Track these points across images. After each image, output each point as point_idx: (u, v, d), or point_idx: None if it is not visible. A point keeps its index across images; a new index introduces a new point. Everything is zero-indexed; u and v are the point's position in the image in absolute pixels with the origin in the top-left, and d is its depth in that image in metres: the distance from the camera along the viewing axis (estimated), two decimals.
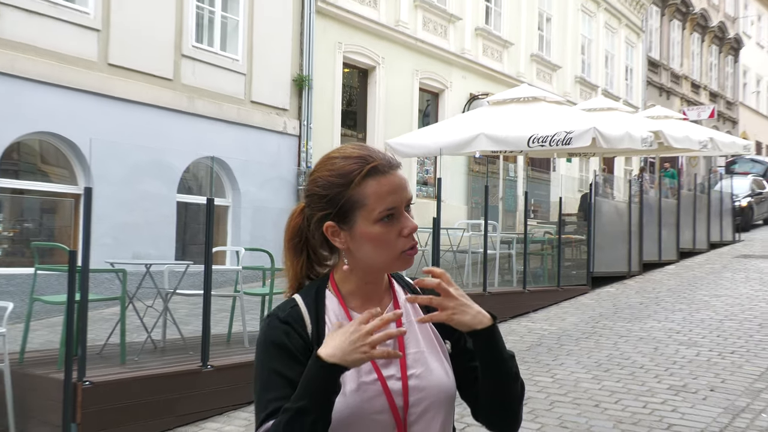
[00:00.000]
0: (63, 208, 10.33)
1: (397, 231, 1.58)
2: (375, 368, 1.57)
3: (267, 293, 7.38)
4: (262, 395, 1.53)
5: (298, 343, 1.55)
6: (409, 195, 1.61)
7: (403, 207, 1.59)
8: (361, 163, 1.58)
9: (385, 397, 1.55)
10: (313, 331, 1.58)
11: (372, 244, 1.58)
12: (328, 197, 1.59)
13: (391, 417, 1.55)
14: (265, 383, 1.54)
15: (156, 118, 10.95)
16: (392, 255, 1.58)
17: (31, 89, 9.51)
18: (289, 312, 1.60)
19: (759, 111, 40.44)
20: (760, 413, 5.89)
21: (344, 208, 1.58)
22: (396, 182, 1.59)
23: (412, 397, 1.57)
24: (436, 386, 1.60)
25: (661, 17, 29.89)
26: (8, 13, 9.36)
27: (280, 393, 1.49)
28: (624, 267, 13.57)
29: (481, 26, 18.56)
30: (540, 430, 5.53)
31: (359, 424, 1.52)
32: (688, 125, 17.30)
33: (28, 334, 6.22)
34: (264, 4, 12.79)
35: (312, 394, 1.41)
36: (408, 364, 1.60)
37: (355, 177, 1.57)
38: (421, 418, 1.58)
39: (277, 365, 1.53)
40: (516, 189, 18.19)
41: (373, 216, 1.56)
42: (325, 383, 1.41)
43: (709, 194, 18.47)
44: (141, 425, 5.59)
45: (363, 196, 1.56)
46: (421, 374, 1.60)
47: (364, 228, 1.57)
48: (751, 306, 10.31)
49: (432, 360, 1.63)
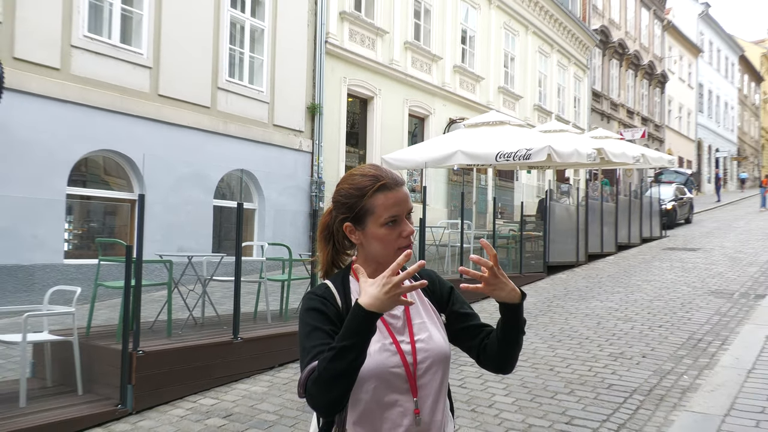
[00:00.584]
0: (121, 211, 10.30)
1: (397, 233, 1.68)
2: (391, 334, 1.67)
3: (286, 279, 7.37)
4: (306, 344, 1.60)
5: (332, 310, 1.65)
6: (409, 206, 1.72)
7: (404, 215, 1.70)
8: (374, 181, 1.69)
9: (399, 356, 1.65)
10: (342, 305, 1.67)
11: (378, 242, 1.68)
12: (348, 204, 1.71)
13: (404, 371, 1.64)
14: (307, 335, 1.61)
15: (197, 139, 10.93)
16: (392, 251, 1.68)
17: (97, 115, 9.50)
18: (323, 291, 1.70)
19: (681, 132, 40.50)
20: (682, 375, 5.88)
21: (359, 214, 1.69)
22: (399, 196, 1.70)
23: (419, 356, 1.67)
24: (437, 348, 1.69)
25: (602, 57, 29.91)
26: (79, 54, 9.35)
27: (319, 341, 1.57)
28: (573, 257, 13.59)
29: (458, 64, 18.56)
30: (506, 389, 5.52)
31: (382, 375, 1.61)
32: (624, 143, 17.27)
33: (93, 312, 6.21)
34: (284, 46, 12.78)
35: (354, 335, 1.47)
36: (414, 331, 1.70)
37: (368, 191, 1.68)
38: (426, 372, 1.67)
39: (317, 323, 1.62)
40: (487, 195, 18.18)
41: (380, 221, 1.67)
42: (366, 326, 1.48)
43: (641, 199, 18.50)
44: (184, 386, 5.57)
45: (373, 206, 1.68)
46: (425, 339, 1.69)
47: (373, 230, 1.68)
48: (675, 289, 10.32)
49: (432, 328, 1.72)
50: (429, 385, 1.67)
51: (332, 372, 1.47)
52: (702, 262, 13.17)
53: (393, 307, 1.51)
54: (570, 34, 25.78)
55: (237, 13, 12.04)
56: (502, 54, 21.09)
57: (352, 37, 14.69)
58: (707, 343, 6.98)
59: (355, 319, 1.48)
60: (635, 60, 32.94)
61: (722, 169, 45.01)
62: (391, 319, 1.69)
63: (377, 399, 1.62)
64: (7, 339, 5.28)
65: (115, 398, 5.16)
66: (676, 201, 22.38)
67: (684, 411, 4.74)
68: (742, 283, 10.60)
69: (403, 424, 1.62)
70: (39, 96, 8.82)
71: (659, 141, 36.13)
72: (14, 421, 4.60)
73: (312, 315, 1.63)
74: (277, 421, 4.91)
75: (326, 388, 1.49)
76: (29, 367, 5.89)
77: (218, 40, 11.50)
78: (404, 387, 1.63)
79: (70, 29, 9.25)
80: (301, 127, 13.18)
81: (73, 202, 9.64)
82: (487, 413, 4.96)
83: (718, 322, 7.91)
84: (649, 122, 34.75)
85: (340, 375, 1.47)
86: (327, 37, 13.76)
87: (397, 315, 1.70)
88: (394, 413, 1.63)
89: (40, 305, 5.73)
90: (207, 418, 5.03)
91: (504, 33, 21.23)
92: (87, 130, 9.38)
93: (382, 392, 1.62)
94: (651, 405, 5.12)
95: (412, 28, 16.71)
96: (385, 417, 1.62)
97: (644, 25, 35.11)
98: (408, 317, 1.71)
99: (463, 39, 19.06)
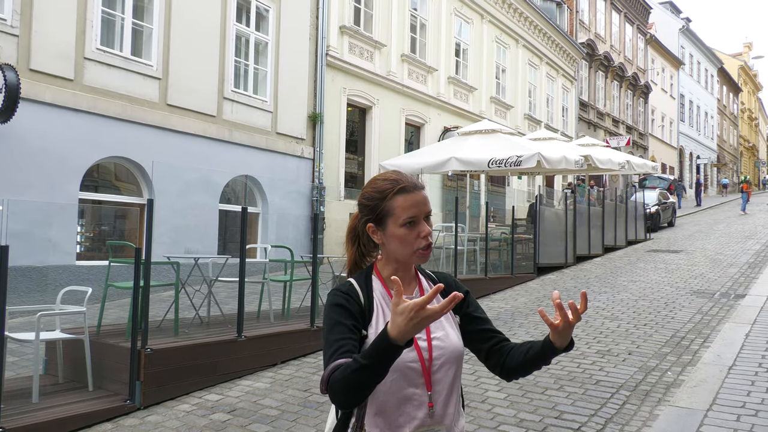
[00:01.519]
0: (131, 215, 10.26)
1: (416, 234, 1.68)
2: None
3: (288, 280, 7.33)
4: (330, 337, 1.60)
5: (354, 307, 1.66)
6: (427, 209, 1.72)
7: (422, 217, 1.70)
8: (394, 184, 1.71)
9: (416, 352, 1.64)
10: (365, 302, 1.69)
11: (397, 242, 1.69)
12: (370, 207, 1.73)
13: (419, 366, 1.64)
14: (331, 329, 1.62)
15: (203, 146, 10.91)
16: (411, 251, 1.69)
17: (108, 124, 9.48)
18: (348, 288, 1.71)
19: (663, 140, 40.54)
20: (666, 371, 5.85)
21: (380, 215, 1.71)
22: (418, 199, 1.70)
23: (435, 353, 1.67)
24: (451, 346, 1.70)
25: (589, 69, 29.94)
26: (91, 66, 9.33)
27: (342, 335, 1.59)
28: (562, 259, 13.56)
29: (452, 76, 18.55)
30: (498, 385, 5.48)
31: (400, 369, 1.61)
32: (610, 151, 17.28)
33: (103, 311, 6.18)
34: (286, 58, 12.77)
35: (379, 360, 1.44)
36: (431, 329, 1.69)
37: (389, 194, 1.70)
38: (440, 368, 1.68)
39: (340, 318, 1.63)
40: (479, 199, 18.16)
41: (399, 222, 1.68)
42: (390, 355, 1.45)
43: (627, 203, 18.48)
44: (190, 383, 5.53)
45: (393, 208, 1.69)
46: (441, 337, 1.70)
47: (393, 230, 1.69)
48: (659, 289, 10.29)
49: (448, 327, 1.73)
50: (443, 380, 1.68)
51: (354, 383, 1.47)
52: (684, 264, 13.15)
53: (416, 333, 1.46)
54: (558, 47, 25.81)
55: (242, 27, 12.02)
56: (493, 66, 21.10)
57: (352, 50, 14.68)
58: (690, 341, 6.95)
59: (381, 345, 1.43)
60: (620, 72, 32.99)
61: (702, 175, 45.07)
62: None
63: (395, 392, 1.62)
64: (21, 337, 5.24)
65: (124, 394, 5.12)
66: (660, 205, 22.36)
67: (668, 406, 4.71)
68: (723, 284, 10.58)
69: (418, 417, 1.64)
70: (53, 105, 8.80)
71: (643, 148, 36.16)
72: (27, 416, 4.57)
73: (336, 310, 1.65)
74: (279, 416, 4.87)
75: (346, 393, 1.50)
76: (42, 365, 5.85)
77: (224, 53, 11.49)
78: (420, 381, 1.64)
79: (84, 42, 9.23)
80: (302, 135, 13.15)
81: (86, 206, 9.61)
82: (480, 408, 4.93)
83: (700, 321, 7.89)
84: (633, 131, 34.78)
85: (360, 386, 1.49)
86: (328, 49, 13.75)
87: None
88: (410, 406, 1.64)
89: (52, 305, 5.69)
90: (212, 413, 4.99)
91: (495, 46, 21.24)
92: (99, 137, 9.35)
93: (399, 385, 1.63)
94: (636, 400, 5.09)
95: (409, 41, 16.71)
96: (401, 409, 1.63)
97: (628, 39, 35.20)
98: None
99: (457, 51, 19.07)
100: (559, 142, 14.47)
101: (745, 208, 27.30)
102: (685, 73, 44.13)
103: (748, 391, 4.85)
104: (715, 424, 4.21)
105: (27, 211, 8.42)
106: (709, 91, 50.14)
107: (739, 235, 18.39)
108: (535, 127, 23.08)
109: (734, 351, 6.01)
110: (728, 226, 21.50)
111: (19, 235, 8.18)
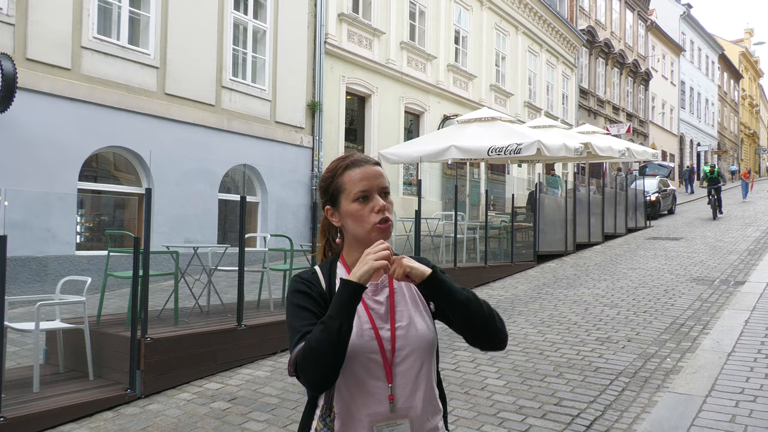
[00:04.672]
0: (130, 204, 10.25)
1: (370, 208, 1.61)
2: (371, 320, 1.60)
3: (288, 269, 7.33)
4: (294, 324, 1.57)
5: (315, 292, 1.61)
6: (382, 183, 1.65)
7: (375, 191, 1.63)
8: (343, 161, 1.68)
9: (377, 342, 1.58)
10: (326, 288, 1.63)
11: (352, 219, 1.63)
12: (324, 188, 1.69)
13: (380, 357, 1.58)
14: (294, 316, 1.58)
15: (202, 135, 10.88)
16: (368, 227, 1.61)
17: (106, 113, 9.45)
18: (309, 276, 1.67)
19: (664, 127, 40.44)
20: (665, 358, 5.87)
21: (334, 195, 1.66)
22: (368, 172, 1.64)
23: (398, 343, 1.59)
24: (418, 336, 1.61)
25: (589, 56, 29.82)
26: (88, 55, 9.28)
27: (306, 321, 1.55)
28: (562, 247, 13.57)
29: (451, 63, 18.47)
30: (498, 372, 5.50)
31: (359, 360, 1.56)
32: (610, 138, 17.26)
33: (103, 301, 6.18)
34: (285, 47, 12.71)
35: (337, 305, 1.47)
36: (396, 318, 1.62)
37: (338, 170, 1.66)
38: (404, 360, 1.59)
39: (302, 303, 1.59)
40: (479, 188, 18.13)
41: (351, 197, 1.62)
42: (346, 294, 1.47)
43: (627, 191, 18.47)
44: (190, 371, 5.55)
45: (343, 183, 1.64)
46: (405, 326, 1.61)
47: (346, 207, 1.63)
48: (659, 276, 10.31)
49: (416, 316, 1.64)
50: (407, 372, 1.59)
51: (320, 346, 1.45)
52: (684, 251, 13.16)
53: (368, 273, 1.48)
54: (558, 34, 25.68)
55: (240, 15, 11.96)
56: (493, 53, 21.01)
57: (350, 38, 14.61)
58: (689, 327, 6.97)
59: (339, 292, 1.49)
60: (620, 59, 32.85)
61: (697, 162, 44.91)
62: (373, 304, 1.62)
63: (356, 383, 1.57)
64: (21, 327, 5.26)
65: (124, 383, 5.14)
66: (660, 193, 22.34)
67: (667, 392, 4.72)
68: (723, 271, 10.59)
69: (378, 410, 1.56)
70: (51, 95, 8.76)
71: (643, 136, 36.08)
72: (28, 405, 4.59)
73: (298, 296, 1.60)
74: (279, 404, 4.89)
75: (314, 362, 1.46)
76: (42, 354, 5.87)
77: (222, 41, 11.43)
78: (380, 373, 1.57)
79: (81, 31, 9.18)
80: (301, 123, 13.11)
81: (84, 196, 9.60)
82: (479, 395, 4.95)
83: (699, 308, 7.90)
84: (633, 118, 34.68)
85: (326, 351, 1.45)
86: (326, 37, 13.68)
87: (380, 301, 1.63)
88: (370, 398, 1.57)
89: (52, 295, 5.70)
90: (212, 401, 5.01)
91: (495, 33, 21.14)
92: (97, 127, 9.33)
93: (360, 376, 1.57)
94: (636, 387, 5.11)
95: (408, 28, 16.63)
96: (363, 400, 1.57)
97: (629, 26, 35.02)
98: (392, 304, 1.63)
99: (456, 39, 18.97)
100: (559, 130, 14.43)
101: (746, 195, 27.32)
102: (685, 60, 43.96)
103: (747, 377, 4.87)
104: (714, 410, 4.22)
105: (26, 201, 8.41)
106: (710, 77, 49.96)
107: (739, 222, 18.40)
108: (535, 114, 23.02)
109: (733, 337, 6.03)
110: (728, 213, 21.49)
111: (18, 225, 8.18)
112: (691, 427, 3.97)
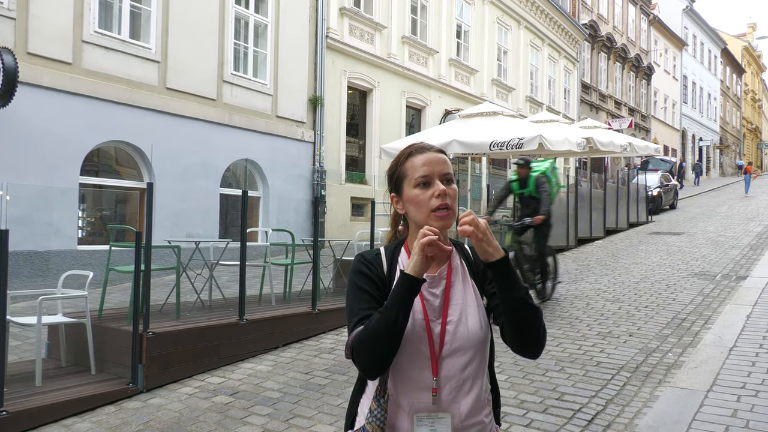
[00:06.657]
0: (132, 199, 10.27)
1: (430, 194, 1.62)
2: (424, 311, 1.61)
3: (289, 263, 7.34)
4: (353, 305, 1.61)
5: (375, 274, 1.65)
6: (445, 169, 1.65)
7: (436, 177, 1.63)
8: (407, 149, 1.71)
9: (427, 335, 1.60)
10: (387, 272, 1.66)
11: (413, 205, 1.64)
12: (389, 176, 1.73)
13: (428, 350, 1.60)
14: (354, 297, 1.62)
15: (203, 130, 10.88)
16: (426, 213, 1.62)
17: (107, 108, 9.44)
18: (372, 257, 1.69)
19: (666, 122, 40.37)
20: (667, 353, 5.87)
21: (398, 182, 1.69)
22: (430, 158, 1.66)
23: (446, 338, 1.60)
24: (468, 332, 1.61)
25: (591, 50, 29.75)
26: (89, 49, 9.28)
27: (364, 304, 1.59)
28: (564, 241, 13.55)
29: (453, 58, 18.44)
30: (500, 367, 5.51)
31: (409, 349, 1.58)
32: (612, 133, 17.19)
33: (105, 296, 6.19)
34: (287, 41, 12.69)
35: (395, 295, 1.50)
36: (448, 312, 1.63)
37: (402, 157, 1.70)
38: (451, 355, 1.60)
39: (363, 284, 1.63)
40: (481, 182, 18.12)
41: (412, 182, 1.64)
42: (404, 287, 1.50)
43: (629, 186, 18.44)
44: (192, 366, 5.56)
45: (405, 170, 1.67)
46: (455, 322, 1.62)
47: (407, 192, 1.66)
48: (660, 271, 10.30)
49: (470, 311, 1.64)
50: (453, 367, 1.60)
51: (377, 332, 1.49)
52: (686, 246, 13.14)
53: (420, 262, 1.50)
54: (560, 29, 25.61)
55: (241, 9, 11.93)
56: (495, 48, 20.96)
57: (352, 32, 14.58)
58: (691, 322, 6.96)
59: (397, 282, 1.52)
60: (622, 53, 32.76)
61: (705, 156, 44.81)
62: (429, 296, 1.62)
63: (405, 372, 1.60)
64: (24, 321, 5.26)
65: (126, 377, 5.15)
66: (662, 188, 22.31)
67: (669, 387, 4.72)
68: (724, 266, 10.58)
69: (421, 401, 1.60)
70: (52, 89, 8.76)
71: (645, 130, 36.02)
72: (31, 399, 4.60)
73: (358, 276, 1.64)
74: (281, 398, 4.89)
75: (370, 349, 1.51)
76: (44, 348, 5.89)
77: (223, 36, 11.42)
78: (427, 365, 1.59)
79: (82, 25, 9.17)
80: (303, 118, 13.10)
81: (86, 190, 9.60)
82: None
83: (701, 303, 7.90)
84: (635, 113, 34.62)
85: (382, 335, 1.49)
86: (327, 31, 13.66)
87: (436, 294, 1.63)
88: (415, 388, 1.60)
89: (54, 289, 5.71)
90: (214, 395, 5.01)
91: (497, 27, 21.08)
92: (98, 122, 9.33)
93: (409, 366, 1.60)
94: (637, 381, 5.11)
95: (409, 23, 16.59)
96: (409, 390, 1.61)
97: (631, 20, 34.91)
98: (446, 298, 1.64)
99: (458, 33, 18.93)
100: (561, 125, 14.38)
101: (748, 190, 27.28)
102: (688, 54, 43.83)
103: (748, 372, 4.86)
104: (715, 405, 4.22)
105: (27, 196, 8.41)
106: (713, 72, 49.82)
107: (741, 217, 18.37)
108: (536, 109, 22.96)
109: (735, 332, 6.02)
110: (730, 208, 21.46)
111: (20, 219, 8.18)
112: (693, 421, 3.97)
